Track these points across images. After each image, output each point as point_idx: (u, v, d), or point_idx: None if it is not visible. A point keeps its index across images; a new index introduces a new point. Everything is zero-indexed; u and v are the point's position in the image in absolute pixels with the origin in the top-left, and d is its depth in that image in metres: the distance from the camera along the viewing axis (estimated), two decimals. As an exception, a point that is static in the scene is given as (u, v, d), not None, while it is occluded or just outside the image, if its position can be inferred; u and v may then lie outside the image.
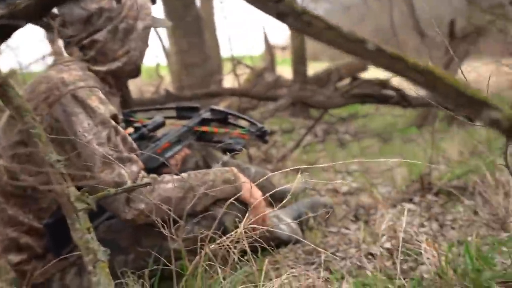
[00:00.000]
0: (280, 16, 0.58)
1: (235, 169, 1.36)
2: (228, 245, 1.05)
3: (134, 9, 1.35)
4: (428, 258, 1.24)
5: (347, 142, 3.97)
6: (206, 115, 1.73)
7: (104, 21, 1.30)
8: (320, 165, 1.16)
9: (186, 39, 4.36)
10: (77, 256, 1.32)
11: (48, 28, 1.38)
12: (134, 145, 1.28)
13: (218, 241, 1.08)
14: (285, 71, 6.67)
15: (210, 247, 1.06)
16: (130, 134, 1.48)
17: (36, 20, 1.04)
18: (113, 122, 1.21)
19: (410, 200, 1.92)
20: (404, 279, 1.20)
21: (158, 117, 1.65)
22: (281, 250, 1.54)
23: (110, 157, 1.17)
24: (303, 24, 0.58)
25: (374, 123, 5.09)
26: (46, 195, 1.24)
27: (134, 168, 1.21)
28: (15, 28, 1.07)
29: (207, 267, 1.08)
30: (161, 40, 5.71)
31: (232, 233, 1.08)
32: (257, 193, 1.35)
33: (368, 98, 3.31)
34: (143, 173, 1.24)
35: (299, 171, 1.17)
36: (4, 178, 1.25)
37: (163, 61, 5.74)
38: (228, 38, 4.39)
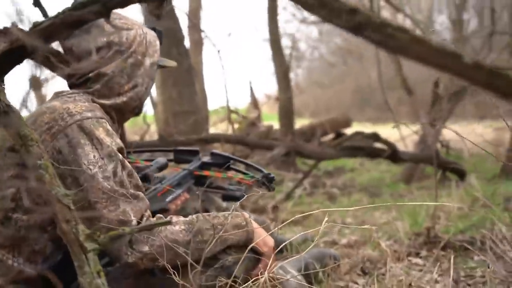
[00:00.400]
0: (357, 29, 0.53)
1: (246, 214, 1.27)
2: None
3: (143, 45, 1.31)
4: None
5: (336, 196, 3.93)
6: (207, 159, 1.67)
7: (112, 55, 1.25)
8: (345, 208, 1.09)
9: (177, 88, 4.36)
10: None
11: (46, 63, 1.32)
12: (140, 182, 1.19)
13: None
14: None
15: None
16: None
17: (56, 40, 0.97)
18: (120, 156, 1.13)
19: (417, 254, 1.84)
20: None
21: (161, 159, 1.58)
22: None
23: (114, 193, 1.08)
24: (384, 37, 0.53)
25: (361, 178, 5.08)
26: (41, 236, 1.12)
27: (140, 205, 1.12)
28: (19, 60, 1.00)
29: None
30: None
31: (250, 283, 0.97)
32: (271, 241, 1.26)
33: (359, 151, 3.31)
34: (148, 212, 1.14)
35: (302, 218, 1.11)
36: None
37: (149, 111, 5.72)
38: (224, 86, 4.38)
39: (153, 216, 1.21)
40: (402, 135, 4.55)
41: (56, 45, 1.36)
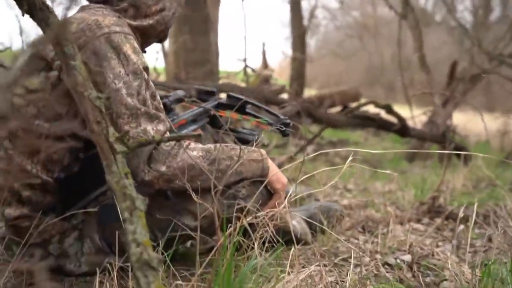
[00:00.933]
0: None
1: (263, 151, 1.27)
2: (266, 221, 0.95)
3: None
4: (456, 274, 1.17)
5: (337, 165, 3.95)
6: (223, 100, 1.65)
7: None
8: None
9: (192, 37, 4.28)
10: (80, 220, 1.21)
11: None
12: (162, 106, 1.18)
13: (258, 214, 0.98)
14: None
15: (247, 219, 0.96)
16: None
17: None
18: (145, 74, 1.12)
19: (419, 221, 1.87)
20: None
21: (180, 91, 1.56)
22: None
23: (137, 111, 1.07)
24: None
25: (363, 152, 5.10)
26: (60, 146, 1.12)
27: (161, 127, 1.11)
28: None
29: (242, 242, 0.97)
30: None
31: (274, 210, 0.98)
32: (284, 179, 1.26)
33: (370, 122, 3.29)
34: (168, 134, 1.14)
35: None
36: (16, 122, 1.13)
37: (160, 63, 5.64)
38: (244, 38, 4.30)
39: None
40: (412, 114, 4.53)
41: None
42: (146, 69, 1.14)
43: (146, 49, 1.34)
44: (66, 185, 1.15)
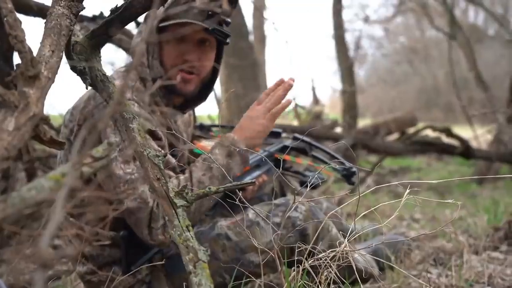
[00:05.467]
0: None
1: (228, 135, 1.26)
2: (328, 263, 0.94)
3: None
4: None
5: (401, 195, 3.80)
6: (288, 142, 1.62)
7: None
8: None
9: (241, 83, 4.44)
10: (145, 274, 1.25)
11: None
12: (171, 158, 1.21)
13: (319, 256, 0.97)
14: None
15: (309, 262, 0.95)
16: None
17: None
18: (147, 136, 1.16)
19: (496, 249, 1.74)
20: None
21: None
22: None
23: (132, 176, 1.12)
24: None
25: (428, 178, 4.87)
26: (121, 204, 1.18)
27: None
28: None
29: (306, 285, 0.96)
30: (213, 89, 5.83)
31: (336, 249, 0.97)
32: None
33: (430, 146, 3.17)
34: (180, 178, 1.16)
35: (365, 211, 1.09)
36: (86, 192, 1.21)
37: (213, 110, 5.83)
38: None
39: (230, 197, 1.21)
40: (475, 134, 4.31)
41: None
42: (149, 132, 1.17)
43: None
44: (130, 239, 1.20)
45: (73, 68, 0.99)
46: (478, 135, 4.23)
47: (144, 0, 0.87)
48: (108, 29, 0.96)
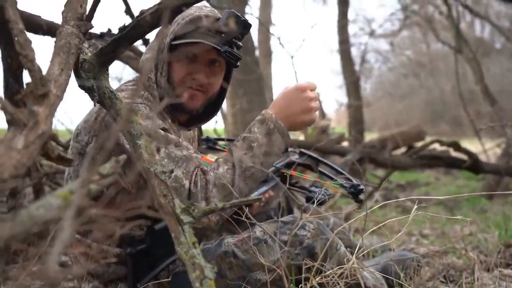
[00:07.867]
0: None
1: (265, 112, 1.23)
2: (336, 280, 0.93)
3: None
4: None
5: (410, 209, 3.76)
6: (295, 157, 1.60)
7: None
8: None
9: (247, 97, 4.46)
10: (153, 290, 1.24)
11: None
12: (190, 146, 1.20)
13: (326, 273, 0.96)
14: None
15: (317, 279, 0.94)
16: None
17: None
18: (162, 132, 1.15)
19: (508, 266, 1.71)
20: None
21: None
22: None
23: (163, 162, 1.11)
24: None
25: (437, 192, 4.82)
26: (132, 225, 1.18)
27: (190, 166, 1.12)
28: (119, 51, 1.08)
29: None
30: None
31: (344, 266, 0.96)
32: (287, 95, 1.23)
33: (437, 161, 3.15)
34: (197, 170, 1.14)
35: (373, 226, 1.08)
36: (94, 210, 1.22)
37: (219, 124, 5.84)
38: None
39: (239, 210, 1.20)
40: (483, 148, 4.28)
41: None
42: (164, 129, 1.18)
43: None
44: (136, 257, 1.20)
45: (82, 86, 1.00)
46: (486, 149, 4.19)
47: (151, 19, 0.88)
48: (116, 47, 0.97)
